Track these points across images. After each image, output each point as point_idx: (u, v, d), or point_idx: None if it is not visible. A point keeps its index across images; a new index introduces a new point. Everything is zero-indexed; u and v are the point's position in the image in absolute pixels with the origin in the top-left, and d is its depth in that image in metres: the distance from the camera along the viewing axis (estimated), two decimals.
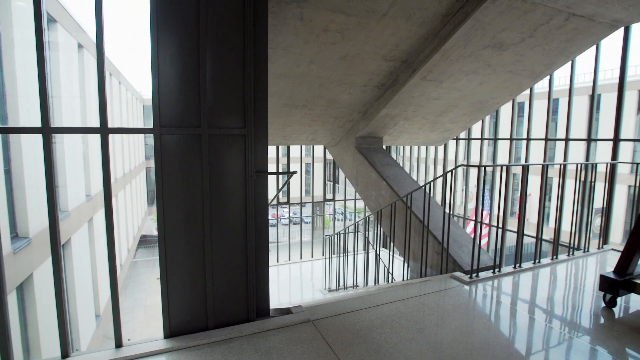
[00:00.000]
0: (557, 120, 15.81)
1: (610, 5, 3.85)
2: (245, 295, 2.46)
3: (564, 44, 4.63)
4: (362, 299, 2.94)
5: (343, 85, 4.88)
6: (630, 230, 2.91)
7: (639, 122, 14.91)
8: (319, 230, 22.18)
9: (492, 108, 6.22)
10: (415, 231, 4.40)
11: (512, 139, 6.70)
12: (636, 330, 2.55)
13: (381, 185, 5.28)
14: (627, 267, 2.74)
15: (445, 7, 3.74)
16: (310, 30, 3.82)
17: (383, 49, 4.28)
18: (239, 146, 2.34)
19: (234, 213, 2.38)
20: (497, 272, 3.50)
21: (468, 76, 4.90)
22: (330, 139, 6.48)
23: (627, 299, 3.03)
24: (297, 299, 7.17)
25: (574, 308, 2.95)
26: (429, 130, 6.61)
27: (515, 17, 3.80)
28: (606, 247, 4.40)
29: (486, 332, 2.51)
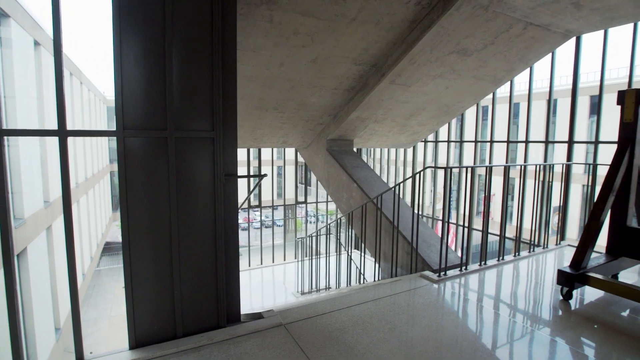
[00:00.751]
0: (518, 124, 16.61)
1: (563, 16, 4.10)
2: (215, 301, 2.41)
3: (522, 51, 4.87)
4: (334, 301, 2.95)
5: (313, 88, 4.90)
6: (583, 226, 3.09)
7: (591, 125, 15.92)
8: (291, 233, 22.10)
9: (457, 111, 6.45)
10: (386, 232, 4.48)
11: (477, 141, 6.97)
12: (590, 320, 2.71)
13: (352, 187, 5.33)
14: (581, 261, 2.91)
15: (412, 14, 3.84)
16: (280, 33, 3.81)
17: (353, 53, 4.33)
18: (208, 149, 2.29)
19: (203, 217, 2.32)
20: (464, 270, 3.62)
21: (435, 80, 5.06)
22: (302, 141, 6.48)
23: (582, 291, 3.22)
24: (270, 303, 7.10)
25: (535, 302, 3.09)
26: (398, 133, 6.76)
27: (477, 24, 3.96)
28: (563, 243, 4.66)
29: (454, 329, 2.59)
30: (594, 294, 3.16)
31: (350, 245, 8.51)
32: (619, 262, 3.17)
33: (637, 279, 3.56)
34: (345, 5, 3.57)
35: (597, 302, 3.02)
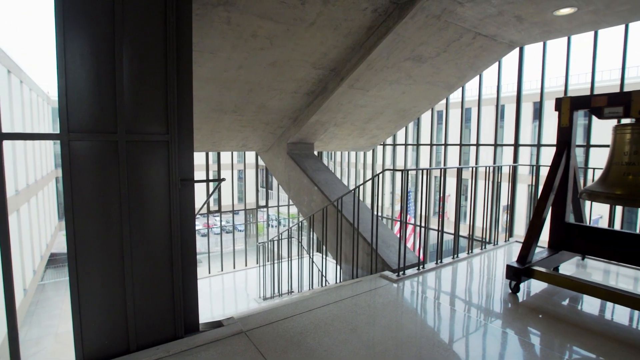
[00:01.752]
0: (470, 128, 17.52)
1: (507, 28, 4.39)
2: (172, 311, 2.31)
3: (472, 59, 5.15)
4: (295, 305, 2.94)
5: (273, 92, 4.87)
6: (528, 223, 3.31)
7: (534, 129, 17.15)
8: (253, 237, 21.77)
9: (414, 115, 6.69)
10: (346, 234, 4.54)
11: (432, 145, 7.26)
12: (535, 310, 2.90)
13: (313, 191, 5.35)
14: (527, 256, 3.12)
15: (370, 20, 3.94)
16: (238, 35, 3.76)
17: (312, 57, 4.37)
18: (162, 153, 2.21)
19: (158, 224, 2.23)
20: (422, 268, 3.75)
21: (392, 85, 5.22)
22: (262, 145, 6.41)
23: (528, 284, 3.44)
24: (231, 310, 6.93)
25: (487, 296, 3.27)
26: (358, 136, 6.89)
27: (431, 33, 4.14)
28: (512, 239, 4.97)
29: (413, 326, 2.67)
30: (539, 285, 3.39)
31: (312, 248, 8.51)
32: (559, 255, 3.43)
33: (575, 270, 3.86)
34: (303, 10, 3.59)
35: (541, 294, 3.24)
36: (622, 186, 2.81)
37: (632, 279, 3.64)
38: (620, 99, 2.85)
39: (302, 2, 3.49)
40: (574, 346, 2.41)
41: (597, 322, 2.76)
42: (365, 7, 3.73)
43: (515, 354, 2.36)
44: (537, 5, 3.76)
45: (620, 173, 2.85)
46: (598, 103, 2.97)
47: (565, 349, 2.38)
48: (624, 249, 3.12)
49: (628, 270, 3.83)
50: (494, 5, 3.76)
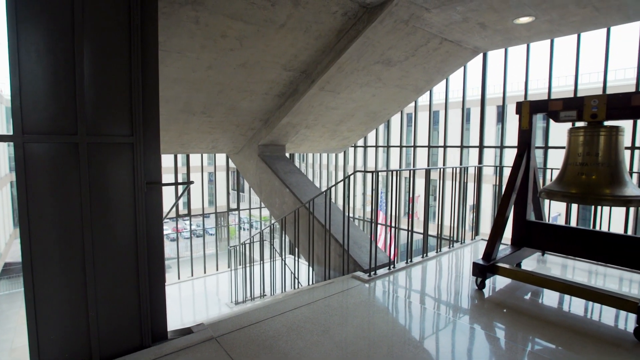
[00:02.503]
0: (438, 130, 18.07)
1: (472, 34, 4.56)
2: (138, 319, 2.22)
3: (439, 64, 5.32)
4: (268, 308, 2.91)
5: (243, 93, 4.82)
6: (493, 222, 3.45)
7: (498, 132, 17.92)
8: (224, 241, 21.37)
9: (384, 118, 6.81)
10: (318, 236, 4.54)
11: (402, 146, 7.42)
12: (500, 305, 3.02)
13: (284, 193, 5.33)
14: (491, 253, 3.24)
15: (340, 23, 3.98)
16: (207, 35, 3.69)
17: (282, 59, 4.35)
18: (126, 156, 2.13)
19: (122, 230, 2.14)
20: (392, 268, 3.81)
21: (362, 88, 5.29)
22: (232, 147, 6.32)
23: (493, 280, 3.58)
24: (202, 316, 6.76)
25: (455, 293, 3.36)
26: (329, 138, 6.93)
27: (399, 37, 4.23)
28: (478, 237, 5.15)
29: (385, 325, 2.71)
30: (503, 281, 3.53)
31: (284, 251, 8.47)
32: (521, 252, 3.59)
33: (536, 265, 4.06)
34: (274, 11, 3.58)
35: (506, 289, 3.38)
36: (577, 185, 2.98)
37: (587, 272, 3.86)
38: (574, 103, 3.03)
39: (272, 4, 3.48)
40: (535, 337, 2.53)
41: (556, 314, 2.91)
42: (336, 11, 3.76)
43: (482, 348, 2.45)
44: (498, 13, 3.93)
45: (574, 173, 3.02)
46: (554, 107, 3.15)
47: (527, 341, 2.49)
48: (579, 245, 3.31)
49: (583, 264, 4.07)
50: (459, 12, 3.90)
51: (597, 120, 2.94)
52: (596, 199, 2.88)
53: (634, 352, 2.34)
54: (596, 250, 3.22)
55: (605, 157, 2.90)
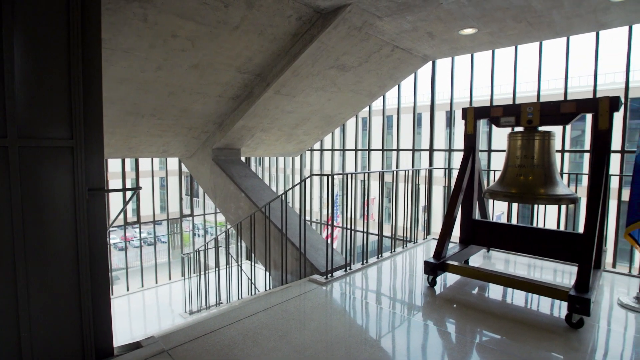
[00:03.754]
0: (392, 134, 18.68)
1: (421, 43, 4.78)
2: (80, 337, 2.07)
3: (391, 70, 5.50)
4: (223, 316, 2.83)
5: (196, 95, 4.67)
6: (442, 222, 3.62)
7: (447, 136, 18.88)
8: (178, 249, 20.50)
9: (339, 122, 6.92)
10: (275, 240, 4.51)
11: (357, 150, 7.58)
12: (450, 301, 3.17)
13: (240, 197, 5.23)
14: (441, 251, 3.40)
15: (294, 27, 3.99)
16: (156, 34, 3.54)
17: (237, 61, 4.28)
18: (65, 160, 1.97)
19: (61, 241, 1.98)
20: (349, 269, 3.87)
21: (318, 92, 5.34)
22: (185, 150, 6.10)
23: (444, 277, 3.75)
24: (154, 328, 6.43)
25: (409, 291, 3.48)
26: (286, 142, 6.91)
27: (353, 43, 4.33)
28: (429, 237, 5.38)
29: (342, 327, 2.74)
30: (453, 278, 3.72)
31: (241, 257, 8.29)
32: (469, 249, 3.80)
33: (482, 261, 4.31)
34: (227, 13, 3.51)
35: (455, 285, 3.56)
36: (516, 186, 3.22)
37: (527, 266, 4.17)
38: (512, 110, 3.28)
39: (225, 5, 3.41)
40: (482, 330, 2.68)
41: (500, 306, 3.11)
42: (290, 15, 3.77)
43: (435, 343, 2.55)
44: (445, 24, 4.15)
45: (514, 174, 3.26)
46: (496, 113, 3.38)
47: (475, 333, 2.63)
48: (518, 241, 3.57)
49: (523, 258, 4.38)
50: (409, 22, 4.07)
51: (533, 125, 3.19)
52: (533, 198, 3.13)
53: (565, 336, 2.56)
54: (533, 245, 3.48)
55: (540, 159, 3.16)
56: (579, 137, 16.04)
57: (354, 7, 3.65)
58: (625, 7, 3.71)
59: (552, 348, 2.41)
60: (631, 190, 2.94)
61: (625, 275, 3.82)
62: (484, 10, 3.80)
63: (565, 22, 4.08)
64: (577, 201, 3.12)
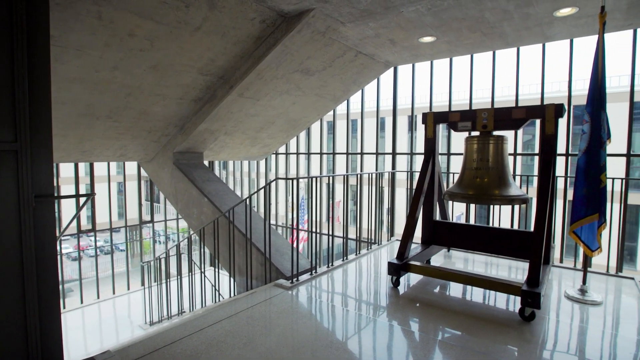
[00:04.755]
0: (357, 137, 18.99)
1: (383, 49, 4.90)
2: (25, 354, 1.92)
3: (355, 75, 5.60)
4: (185, 326, 2.74)
5: (156, 97, 4.51)
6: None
7: (409, 139, 19.44)
8: (137, 257, 19.60)
9: (304, 125, 6.93)
10: (239, 245, 4.43)
11: (322, 153, 7.63)
12: (413, 300, 3.26)
13: (203, 202, 5.10)
14: (404, 252, 3.49)
15: (258, 30, 3.97)
16: (112, 33, 3.38)
17: (198, 63, 4.18)
18: (9, 165, 1.83)
19: (3, 252, 1.83)
20: (314, 273, 3.87)
21: (282, 96, 5.32)
22: (144, 154, 5.86)
23: (407, 277, 3.85)
24: (111, 342, 6.09)
25: (375, 292, 3.54)
26: (250, 145, 6.82)
27: (317, 48, 4.36)
28: (393, 238, 5.50)
29: (308, 330, 2.73)
30: (415, 278, 3.82)
31: (204, 263, 8.08)
32: (430, 249, 3.92)
33: (443, 261, 4.47)
34: (188, 13, 3.43)
35: (418, 285, 3.66)
36: (473, 187, 3.37)
37: (484, 264, 4.37)
38: (469, 115, 3.43)
39: (186, 5, 3.33)
40: (444, 327, 2.77)
41: (460, 303, 3.23)
42: (254, 17, 3.74)
43: (399, 343, 2.61)
44: (406, 31, 4.29)
45: (471, 177, 3.41)
46: (453, 118, 3.52)
47: (438, 331, 2.72)
48: (476, 240, 3.73)
49: (481, 257, 4.59)
50: (371, 28, 4.16)
51: (487, 130, 3.36)
52: (488, 199, 3.29)
53: (519, 329, 2.71)
54: (490, 244, 3.66)
55: (494, 162, 3.33)
56: (529, 141, 17.08)
57: (317, 12, 3.69)
58: (567, 22, 4.01)
59: (508, 341, 2.54)
60: (574, 191, 3.16)
61: (571, 269, 4.10)
62: (441, 20, 3.96)
63: (515, 33, 4.35)
64: (528, 201, 3.32)
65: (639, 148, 13.92)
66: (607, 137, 3.08)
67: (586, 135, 3.06)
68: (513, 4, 3.59)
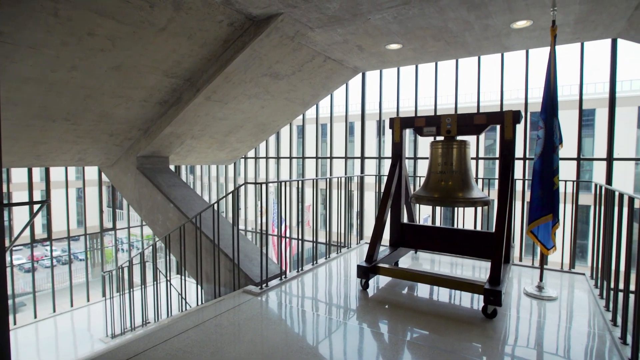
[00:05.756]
0: (327, 141, 19.12)
1: (351, 55, 4.98)
2: None
3: (324, 80, 5.65)
4: (149, 337, 2.63)
5: (118, 99, 4.34)
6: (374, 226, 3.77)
7: (378, 144, 19.81)
8: (98, 266, 18.67)
9: (273, 130, 6.90)
10: (207, 252, 4.32)
11: (292, 158, 7.62)
12: (382, 302, 3.31)
13: (168, 208, 4.94)
14: (373, 255, 3.54)
15: (226, 33, 3.92)
16: (69, 31, 3.22)
17: (164, 65, 4.07)
18: None
19: None
20: (284, 278, 3.85)
21: (251, 100, 5.28)
22: (105, 159, 5.61)
23: (376, 279, 3.90)
24: (69, 358, 5.75)
25: (345, 296, 3.56)
26: (218, 150, 6.70)
27: (286, 52, 4.36)
28: (362, 241, 5.57)
29: (278, 337, 2.70)
30: (384, 280, 3.88)
31: (170, 271, 7.82)
32: (398, 251, 4.00)
33: (411, 263, 4.57)
34: (152, 13, 3.33)
35: (386, 287, 3.72)
36: (438, 190, 3.48)
37: (450, 265, 4.51)
38: (434, 120, 3.55)
39: (150, 5, 3.23)
40: (412, 327, 2.83)
41: (427, 304, 3.32)
42: (221, 20, 3.69)
43: (369, 345, 2.63)
44: (373, 38, 4.38)
45: (436, 180, 3.52)
46: (419, 123, 3.63)
47: (406, 331, 2.77)
48: (442, 241, 3.85)
49: (447, 257, 4.74)
50: (339, 34, 4.22)
51: (451, 135, 3.49)
52: (452, 202, 3.41)
53: (483, 326, 2.81)
54: (454, 245, 3.79)
55: (458, 166, 3.46)
56: (491, 145, 17.87)
57: (286, 16, 3.69)
58: (523, 34, 4.25)
59: (472, 338, 2.63)
60: (531, 192, 3.34)
61: (530, 267, 4.32)
62: (407, 28, 4.08)
63: (476, 43, 4.55)
64: (489, 203, 3.47)
65: (588, 152, 14.93)
66: (560, 142, 3.28)
67: (541, 140, 3.24)
68: (474, 15, 3.76)
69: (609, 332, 2.71)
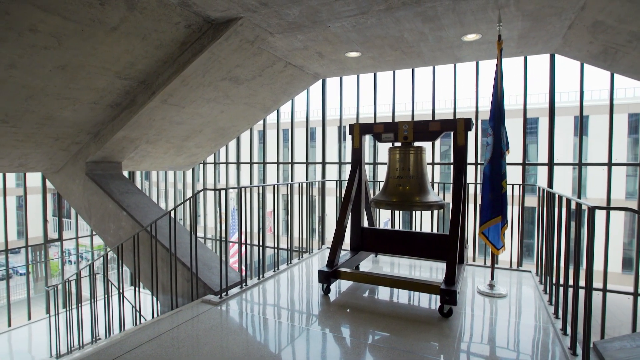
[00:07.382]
0: (288, 147, 19.07)
1: (312, 61, 5.02)
2: None
3: (285, 86, 5.65)
4: (98, 355, 2.47)
5: (64, 101, 4.07)
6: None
7: (338, 150, 20.04)
8: (42, 281, 17.27)
9: (233, 135, 6.78)
10: (163, 261, 4.14)
11: (252, 163, 7.52)
12: (344, 306, 3.33)
13: (121, 216, 4.69)
14: (334, 260, 3.56)
15: (183, 35, 3.81)
16: (7, 25, 2.99)
17: (116, 66, 3.88)
18: None
19: None
20: (245, 286, 3.77)
21: (210, 104, 5.16)
22: (50, 164, 5.23)
23: (338, 284, 3.93)
24: None
25: (307, 302, 3.54)
26: (175, 155, 6.47)
27: (246, 57, 4.32)
28: (324, 246, 5.59)
29: (238, 347, 2.63)
30: (346, 284, 3.92)
31: (122, 283, 7.42)
32: (359, 255, 4.06)
33: (371, 266, 4.65)
34: (103, 11, 3.17)
35: (348, 291, 3.76)
36: (396, 195, 3.58)
37: (409, 267, 4.64)
38: (391, 127, 3.66)
39: (101, 3, 3.08)
40: (374, 330, 2.87)
41: (388, 306, 3.39)
42: (178, 22, 3.59)
43: (332, 349, 2.64)
44: (333, 46, 4.45)
45: (394, 185, 3.63)
46: (378, 130, 3.73)
47: (368, 334, 2.81)
48: (401, 244, 3.96)
49: (406, 260, 4.88)
50: (300, 40, 4.24)
51: (408, 141, 3.61)
52: (409, 205, 3.52)
53: (439, 325, 2.92)
54: (413, 247, 3.91)
55: (415, 171, 3.59)
56: (446, 151, 18.70)
57: (245, 20, 3.66)
58: (473, 47, 4.51)
59: (430, 337, 2.72)
60: (482, 196, 3.53)
61: (482, 267, 4.55)
62: (365, 37, 4.19)
63: (431, 54, 4.76)
64: (444, 206, 3.62)
65: (532, 158, 16.06)
66: (507, 148, 3.50)
67: (490, 147, 3.44)
68: (428, 27, 3.93)
69: (551, 324, 2.91)
